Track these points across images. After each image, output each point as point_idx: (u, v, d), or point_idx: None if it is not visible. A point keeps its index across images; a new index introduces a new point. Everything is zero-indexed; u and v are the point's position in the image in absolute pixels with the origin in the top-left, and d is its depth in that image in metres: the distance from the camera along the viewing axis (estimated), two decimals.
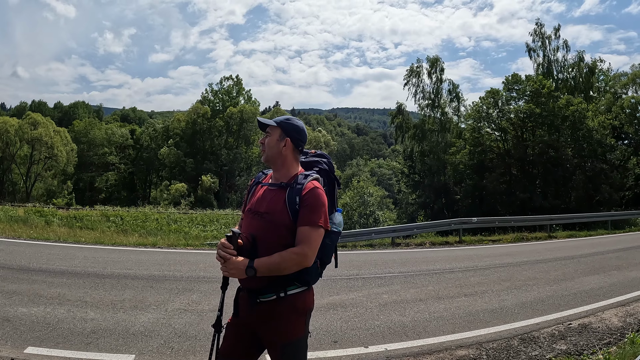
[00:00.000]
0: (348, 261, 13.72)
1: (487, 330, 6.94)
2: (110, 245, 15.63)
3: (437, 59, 50.60)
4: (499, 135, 45.49)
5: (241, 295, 3.26)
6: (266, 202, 3.21)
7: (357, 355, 5.92)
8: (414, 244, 19.04)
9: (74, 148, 74.24)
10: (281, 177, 3.28)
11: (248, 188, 3.45)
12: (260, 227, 3.17)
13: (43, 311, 7.34)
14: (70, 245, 15.10)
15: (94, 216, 32.28)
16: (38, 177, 70.61)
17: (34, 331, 6.42)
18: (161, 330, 6.61)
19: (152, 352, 5.88)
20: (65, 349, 5.83)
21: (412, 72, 50.90)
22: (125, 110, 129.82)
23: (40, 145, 67.95)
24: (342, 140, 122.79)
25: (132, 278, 9.85)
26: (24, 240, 15.36)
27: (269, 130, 3.33)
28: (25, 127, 67.30)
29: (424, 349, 6.18)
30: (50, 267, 10.82)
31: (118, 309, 7.72)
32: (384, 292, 9.46)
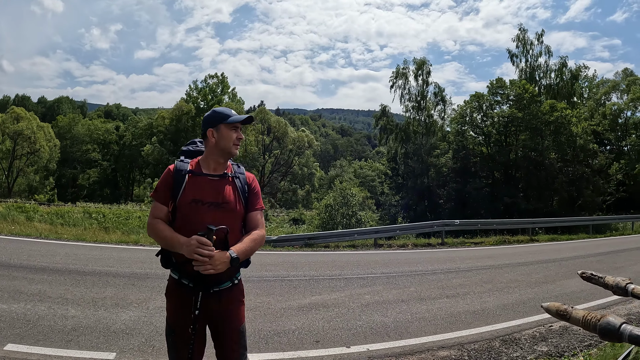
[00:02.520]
0: (330, 261, 13.76)
1: (468, 332, 6.97)
2: (92, 242, 15.58)
3: (424, 62, 50.81)
4: (483, 139, 45.75)
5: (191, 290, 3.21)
6: (219, 192, 3.30)
7: (339, 355, 5.92)
8: (396, 245, 19.12)
9: (57, 144, 73.80)
10: (222, 168, 3.41)
11: (168, 177, 3.33)
12: (223, 218, 3.23)
13: (23, 308, 7.27)
14: (51, 241, 15.02)
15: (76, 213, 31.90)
16: (20, 173, 70.01)
17: (13, 328, 6.36)
18: (142, 329, 6.57)
19: (133, 350, 5.83)
20: (46, 347, 5.77)
21: (398, 74, 51.08)
22: (109, 107, 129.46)
23: (23, 140, 67.49)
24: (326, 141, 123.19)
25: (113, 275, 9.79)
26: (5, 236, 15.25)
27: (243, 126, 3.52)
28: (7, 121, 66.86)
29: (405, 349, 6.19)
30: (31, 263, 10.74)
31: (99, 306, 7.67)
32: (366, 292, 9.47)
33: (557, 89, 48.49)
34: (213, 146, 3.35)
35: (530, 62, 50.12)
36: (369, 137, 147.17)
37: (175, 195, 3.26)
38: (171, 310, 3.31)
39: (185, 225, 3.16)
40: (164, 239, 3.18)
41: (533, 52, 50.21)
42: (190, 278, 3.19)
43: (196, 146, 3.63)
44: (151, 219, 3.29)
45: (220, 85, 73.55)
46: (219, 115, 3.39)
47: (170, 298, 3.32)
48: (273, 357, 5.81)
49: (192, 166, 3.36)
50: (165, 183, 3.31)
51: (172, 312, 3.30)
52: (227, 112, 3.41)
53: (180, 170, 3.32)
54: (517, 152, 42.87)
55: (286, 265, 12.83)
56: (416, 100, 50.14)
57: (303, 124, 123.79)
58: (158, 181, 3.38)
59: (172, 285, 3.31)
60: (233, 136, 3.36)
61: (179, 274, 3.25)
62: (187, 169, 3.33)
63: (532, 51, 50.23)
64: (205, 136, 3.40)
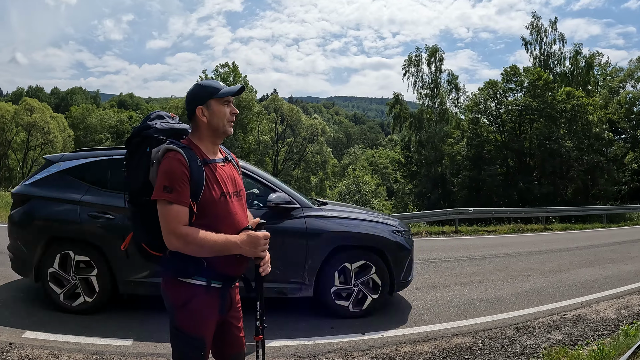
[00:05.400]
0: None
1: (482, 319, 6.99)
2: None
3: (437, 49, 50.60)
4: (497, 127, 45.52)
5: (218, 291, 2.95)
6: (233, 180, 3.05)
7: (354, 342, 5.96)
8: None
9: (70, 134, 74.09)
10: (218, 151, 3.07)
11: (184, 169, 2.75)
12: (243, 207, 3.09)
13: (41, 295, 7.36)
14: None
15: None
16: (35, 163, 70.20)
17: (32, 316, 6.45)
18: (159, 316, 6.49)
19: (150, 337, 5.90)
20: (64, 334, 5.85)
21: (411, 62, 50.95)
22: (122, 97, 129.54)
23: (37, 131, 67.68)
24: (339, 129, 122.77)
25: None
26: None
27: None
28: (21, 113, 66.98)
29: (420, 336, 6.23)
30: None
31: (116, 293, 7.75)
32: None
33: (572, 77, 48.12)
34: (205, 126, 2.94)
35: (545, 50, 49.79)
36: (382, 124, 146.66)
37: (196, 191, 2.79)
38: (197, 319, 2.88)
39: (217, 224, 2.84)
40: (212, 247, 2.74)
41: (547, 39, 49.92)
42: (222, 278, 2.93)
43: (167, 122, 3.10)
44: (180, 227, 2.72)
45: (232, 74, 73.39)
46: (206, 89, 2.96)
47: (195, 308, 2.87)
48: (288, 343, 5.86)
49: (201, 153, 2.93)
50: (183, 178, 2.75)
51: (198, 322, 2.89)
52: (216, 85, 2.99)
53: (193, 159, 2.81)
54: (532, 140, 42.60)
55: None
56: (429, 87, 49.98)
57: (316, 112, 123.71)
58: (165, 177, 2.75)
59: (197, 293, 2.87)
60: (226, 112, 2.97)
61: (207, 279, 2.87)
62: (196, 156, 2.85)
63: (546, 38, 49.94)
64: (194, 116, 2.96)
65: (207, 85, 2.98)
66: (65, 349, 5.38)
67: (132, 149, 3.00)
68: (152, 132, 2.95)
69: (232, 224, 2.90)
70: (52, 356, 5.17)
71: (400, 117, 51.76)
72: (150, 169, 2.87)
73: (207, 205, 2.82)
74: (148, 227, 2.89)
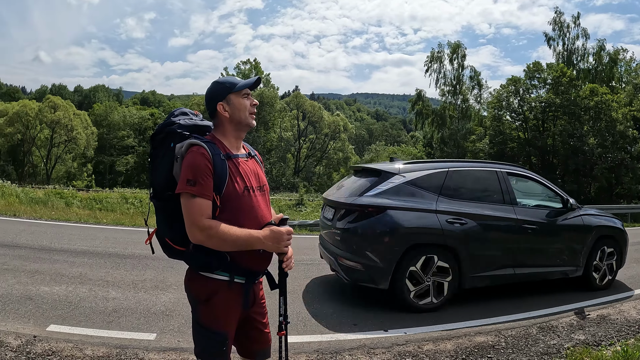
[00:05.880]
0: None
1: (505, 318, 6.95)
2: (131, 226, 15.80)
3: (459, 45, 50.29)
4: (520, 124, 45.17)
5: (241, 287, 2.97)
6: (257, 174, 3.08)
7: (376, 339, 5.97)
8: None
9: (94, 131, 75.15)
10: (241, 146, 3.11)
11: (207, 162, 2.78)
12: (266, 202, 3.10)
13: (65, 290, 7.47)
14: (91, 226, 15.30)
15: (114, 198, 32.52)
16: (58, 160, 71.50)
17: (56, 309, 6.56)
18: (182, 310, 6.71)
19: (173, 331, 5.99)
20: (87, 327, 5.95)
21: (433, 58, 50.75)
22: (144, 94, 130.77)
23: (60, 128, 69.03)
24: (361, 126, 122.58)
25: (152, 259, 9.90)
26: (45, 221, 15.54)
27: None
28: (45, 111, 68.35)
29: (443, 334, 6.22)
30: (72, 247, 10.97)
31: (139, 288, 7.86)
32: None
33: (596, 73, 47.58)
34: (227, 121, 2.99)
35: (568, 46, 49.32)
36: (404, 121, 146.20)
37: (219, 184, 2.81)
38: (220, 315, 2.91)
39: (240, 218, 2.85)
40: (235, 241, 2.76)
41: (570, 35, 49.46)
42: (245, 274, 2.94)
43: (190, 119, 3.11)
44: (203, 220, 2.74)
45: (253, 70, 73.62)
46: (224, 85, 3.00)
47: (218, 303, 2.90)
48: (311, 339, 5.89)
49: (222, 148, 2.95)
50: (206, 172, 2.77)
51: (221, 317, 2.91)
52: (233, 80, 3.02)
53: (216, 153, 2.84)
54: (555, 138, 42.23)
55: None
56: (452, 84, 49.75)
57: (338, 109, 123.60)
58: (188, 170, 2.77)
59: (220, 288, 2.90)
60: (247, 104, 3.01)
61: (230, 274, 2.89)
62: (220, 151, 2.88)
63: (569, 34, 49.48)
64: (215, 113, 3.00)
65: (224, 82, 3.02)
66: (88, 342, 5.46)
67: (156, 145, 3.03)
68: (176, 128, 2.97)
69: (256, 218, 2.92)
70: (76, 349, 5.23)
71: (423, 114, 51.63)
72: (174, 164, 2.90)
73: (230, 199, 2.84)
74: (171, 222, 2.94)
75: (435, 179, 7.48)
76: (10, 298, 6.95)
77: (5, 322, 5.98)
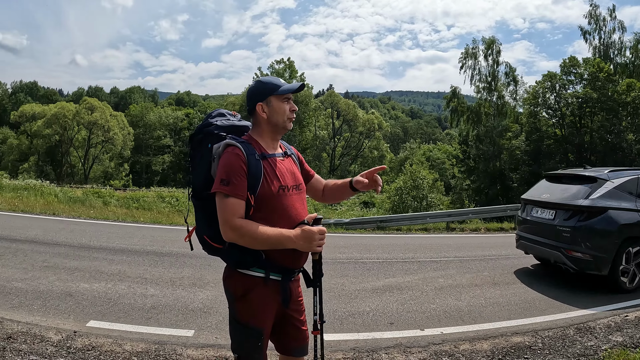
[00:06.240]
0: (403, 244, 13.78)
1: (543, 318, 6.88)
2: (168, 225, 16.03)
3: (493, 41, 49.43)
4: (557, 120, 44.48)
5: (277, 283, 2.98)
6: (293, 174, 3.08)
7: (413, 338, 5.96)
8: (468, 229, 18.94)
9: (130, 132, 76.47)
10: (278, 146, 3.12)
11: (241, 163, 2.80)
12: (302, 200, 3.09)
13: (104, 287, 7.63)
14: (128, 224, 15.55)
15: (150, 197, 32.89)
16: (95, 160, 72.89)
17: (95, 306, 6.71)
18: (219, 307, 6.79)
19: (210, 328, 6.08)
20: (126, 323, 6.08)
21: (467, 54, 49.97)
22: (179, 94, 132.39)
23: (97, 129, 70.54)
24: (396, 124, 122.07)
25: (190, 257, 10.06)
26: (84, 219, 15.85)
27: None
28: (82, 112, 69.99)
29: (479, 334, 6.18)
30: (110, 245, 11.20)
31: (177, 286, 7.99)
32: (440, 276, 9.46)
33: (633, 68, 46.53)
34: (265, 122, 2.99)
35: (604, 39, 48.17)
36: (439, 119, 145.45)
37: (254, 184, 2.83)
38: (256, 311, 2.93)
39: (274, 217, 2.87)
40: (266, 240, 2.77)
41: (606, 28, 48.25)
42: (281, 271, 2.95)
43: (228, 119, 3.15)
44: (235, 220, 2.76)
45: (288, 70, 73.72)
46: (267, 86, 2.99)
47: (254, 299, 2.92)
48: (348, 337, 5.91)
49: (259, 147, 2.98)
50: (240, 172, 2.80)
51: (257, 314, 2.93)
52: (277, 82, 3.01)
53: (251, 153, 2.86)
54: (592, 134, 41.48)
55: (359, 248, 12.89)
56: (487, 81, 48.91)
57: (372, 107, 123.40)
58: (222, 170, 2.81)
59: (256, 285, 2.91)
60: (286, 108, 3.00)
61: (266, 270, 2.90)
62: (255, 151, 2.90)
63: (605, 27, 48.27)
64: (254, 112, 3.01)
65: (267, 82, 3.01)
66: (127, 338, 5.56)
67: (194, 146, 3.07)
68: (213, 129, 3.02)
69: (290, 217, 2.92)
70: (115, 345, 5.33)
71: (458, 111, 50.94)
72: (212, 164, 2.94)
73: (265, 198, 2.85)
74: (209, 220, 2.94)
75: (632, 183, 8.76)
76: (50, 294, 7.13)
77: (46, 318, 6.14)
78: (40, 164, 72.25)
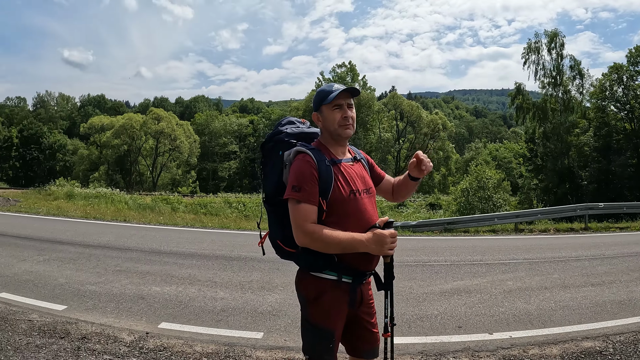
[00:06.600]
0: (471, 246, 13.66)
1: (614, 323, 6.69)
2: (235, 229, 16.39)
3: (556, 34, 47.82)
4: (625, 114, 43.02)
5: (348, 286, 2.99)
6: (363, 178, 3.10)
7: (481, 342, 5.92)
8: (537, 230, 18.56)
9: (196, 139, 78.20)
10: (346, 151, 3.14)
11: (312, 169, 2.86)
12: (372, 204, 3.10)
13: (175, 290, 7.94)
14: (197, 229, 16.02)
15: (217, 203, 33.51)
16: (163, 168, 74.90)
17: (167, 308, 7.00)
18: (288, 310, 6.94)
19: (279, 330, 6.20)
20: (197, 325, 6.30)
21: (530, 49, 48.67)
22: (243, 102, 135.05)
23: (164, 138, 72.73)
24: (460, 123, 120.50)
25: (258, 261, 10.30)
26: (154, 225, 16.43)
27: (353, 100, 3.11)
28: (149, 122, 72.50)
29: (549, 338, 6.08)
30: (180, 250, 11.61)
31: (246, 289, 8.20)
32: (509, 278, 9.34)
33: None
34: (323, 130, 3.08)
35: None
36: (504, 117, 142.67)
37: (325, 190, 2.88)
38: (328, 313, 2.97)
39: (346, 221, 2.90)
40: (339, 244, 2.80)
41: None
42: (353, 273, 2.96)
43: (297, 127, 3.23)
44: (307, 225, 2.83)
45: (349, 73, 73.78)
46: (319, 95, 3.07)
47: (326, 301, 2.96)
48: (415, 341, 5.91)
49: (328, 153, 3.03)
50: (311, 178, 2.85)
51: (329, 316, 2.97)
52: (327, 91, 3.03)
53: (321, 160, 2.92)
54: None
55: (426, 250, 12.84)
56: (551, 75, 47.51)
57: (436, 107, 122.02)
58: (294, 177, 2.88)
59: (328, 287, 2.95)
60: (337, 117, 3.00)
61: (338, 273, 2.93)
62: (325, 157, 2.95)
63: None
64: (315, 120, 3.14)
65: (320, 92, 3.08)
66: (198, 340, 5.77)
67: (266, 153, 3.18)
68: (284, 137, 3.10)
69: (361, 221, 2.94)
70: (186, 346, 5.55)
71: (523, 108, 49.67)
72: (284, 170, 3.03)
73: (336, 203, 2.89)
74: (282, 225, 3.04)
75: None
76: (123, 297, 7.50)
77: (119, 319, 6.46)
78: (110, 173, 75.16)
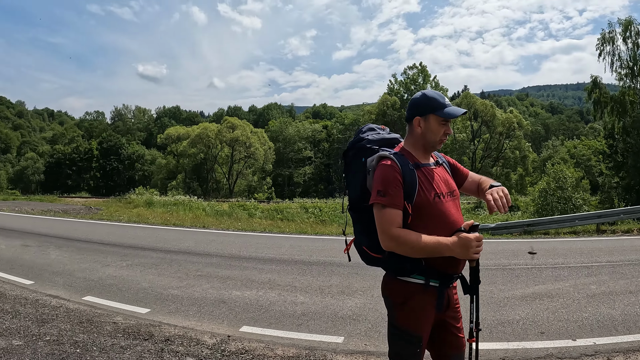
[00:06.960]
0: (552, 249, 13.28)
1: None
2: (313, 234, 16.54)
3: (631, 22, 45.33)
4: None
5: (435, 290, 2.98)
6: (447, 181, 3.10)
7: (564, 348, 5.76)
8: (620, 231, 17.88)
9: (271, 146, 79.33)
10: (430, 156, 3.13)
11: (396, 174, 2.87)
12: (457, 207, 3.10)
13: (255, 294, 8.12)
14: (274, 235, 16.27)
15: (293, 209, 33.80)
16: (239, 175, 76.38)
17: (247, 312, 7.19)
18: (368, 315, 6.94)
19: (360, 335, 6.22)
20: (278, 329, 6.43)
21: (604, 40, 46.81)
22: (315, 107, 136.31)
23: (239, 146, 74.24)
24: (536, 121, 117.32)
25: (337, 265, 10.40)
26: (232, 231, 16.79)
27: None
28: (224, 131, 74.30)
29: (634, 345, 5.83)
30: (259, 255, 11.86)
31: (326, 293, 8.28)
32: (592, 282, 9.03)
33: None
34: (418, 137, 3.04)
35: None
36: (581, 112, 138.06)
37: (410, 194, 2.89)
38: (415, 317, 2.96)
39: (432, 224, 2.90)
40: (424, 248, 2.81)
41: None
42: (440, 277, 2.96)
43: (378, 133, 3.23)
44: (393, 229, 2.83)
45: (420, 75, 73.26)
46: (430, 103, 3.01)
47: (413, 305, 2.95)
48: (497, 347, 5.82)
49: (412, 158, 3.03)
50: (395, 183, 2.86)
51: (416, 320, 2.97)
52: (441, 101, 3.01)
53: (405, 164, 2.93)
54: None
55: (506, 254, 12.55)
56: (628, 66, 45.71)
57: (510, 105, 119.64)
58: (379, 182, 2.89)
59: (415, 291, 2.95)
60: (441, 131, 3.02)
61: (425, 277, 2.93)
62: (408, 161, 2.96)
63: None
64: (411, 122, 3.07)
65: (431, 98, 3.03)
66: (279, 343, 5.89)
67: (348, 161, 3.21)
68: (365, 144, 3.13)
69: (447, 224, 2.94)
70: (267, 349, 5.66)
71: (601, 103, 47.73)
72: (367, 177, 3.02)
73: (421, 206, 2.90)
74: (367, 231, 3.04)
75: None
76: (205, 301, 7.74)
77: (201, 323, 6.68)
78: (187, 181, 77.54)
